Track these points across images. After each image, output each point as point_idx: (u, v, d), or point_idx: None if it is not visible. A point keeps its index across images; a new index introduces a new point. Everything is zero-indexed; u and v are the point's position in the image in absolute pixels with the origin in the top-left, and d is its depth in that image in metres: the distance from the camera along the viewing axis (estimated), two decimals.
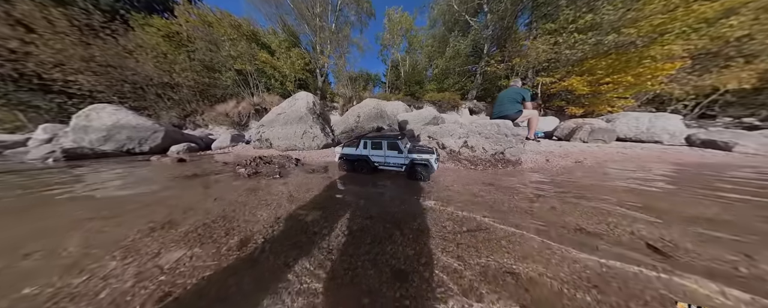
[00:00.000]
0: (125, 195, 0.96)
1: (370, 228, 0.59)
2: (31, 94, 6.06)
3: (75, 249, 0.53)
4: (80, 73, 5.74)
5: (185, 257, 0.48)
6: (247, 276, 0.42)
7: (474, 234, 0.53)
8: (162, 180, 1.23)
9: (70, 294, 0.38)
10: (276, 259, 0.47)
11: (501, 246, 0.51)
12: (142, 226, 0.63)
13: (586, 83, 5.11)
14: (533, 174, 1.29)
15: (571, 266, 0.44)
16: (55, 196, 0.97)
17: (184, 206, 0.80)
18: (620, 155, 1.93)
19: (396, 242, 0.49)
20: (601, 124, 2.94)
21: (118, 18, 6.70)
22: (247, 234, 0.58)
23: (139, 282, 0.39)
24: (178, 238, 0.55)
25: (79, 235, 0.60)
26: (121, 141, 2.44)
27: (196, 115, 6.27)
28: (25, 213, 0.82)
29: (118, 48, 5.97)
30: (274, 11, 9.17)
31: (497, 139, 1.76)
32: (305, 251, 0.49)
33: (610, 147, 2.42)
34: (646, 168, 1.43)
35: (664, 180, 1.10)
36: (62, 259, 0.49)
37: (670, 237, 0.55)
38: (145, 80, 6.18)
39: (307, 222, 0.64)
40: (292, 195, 0.88)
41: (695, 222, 0.64)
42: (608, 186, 1.01)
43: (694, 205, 0.78)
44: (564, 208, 0.72)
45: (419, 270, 0.41)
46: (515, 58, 8.25)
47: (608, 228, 0.60)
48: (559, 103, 6.41)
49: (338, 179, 1.16)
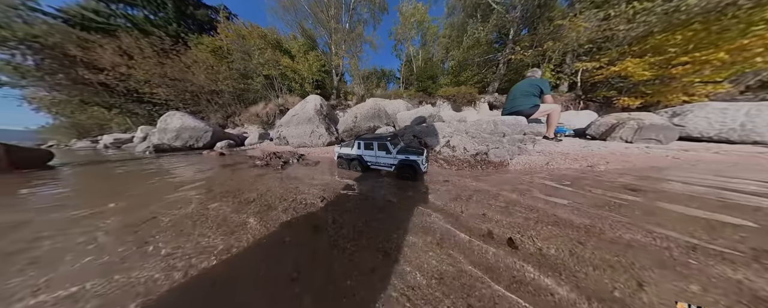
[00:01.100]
0: (194, 175, 1.47)
1: (305, 196, 0.85)
2: (133, 104, 8.18)
3: (177, 196, 0.95)
4: (159, 86, 7.44)
5: (222, 205, 0.82)
6: (250, 211, 0.72)
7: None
8: (209, 167, 1.73)
9: (188, 215, 0.74)
10: (263, 207, 0.76)
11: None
12: (202, 190, 1.05)
13: (647, 66, 3.84)
14: (504, 175, 1.23)
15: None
16: (154, 174, 1.53)
17: (221, 181, 1.26)
18: (670, 160, 1.49)
19: (303, 192, 0.73)
20: (655, 118, 2.21)
21: (180, 40, 8.37)
22: (248, 195, 0.92)
23: (206, 211, 0.73)
24: (216, 195, 0.94)
25: (175, 192, 1.03)
26: (185, 139, 3.27)
27: (235, 116, 7.51)
28: (145, 179, 1.39)
29: (181, 65, 7.50)
30: (293, 18, 9.88)
31: (483, 138, 1.73)
32: (270, 203, 0.78)
33: (663, 149, 1.85)
34: (696, 178, 1.00)
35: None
36: (171, 201, 0.89)
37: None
38: (199, 89, 7.64)
39: (281, 191, 0.95)
40: (282, 180, 1.22)
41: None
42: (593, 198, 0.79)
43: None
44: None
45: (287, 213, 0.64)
46: (547, 42, 7.14)
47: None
48: (605, 94, 5.13)
49: (319, 171, 1.46)
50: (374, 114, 2.54)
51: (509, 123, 1.97)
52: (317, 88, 9.36)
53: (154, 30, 8.67)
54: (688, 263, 0.46)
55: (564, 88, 7.72)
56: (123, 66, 7.10)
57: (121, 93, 7.64)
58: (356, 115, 2.49)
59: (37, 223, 0.79)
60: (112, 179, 1.56)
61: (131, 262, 0.52)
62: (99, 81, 7.44)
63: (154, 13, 9.83)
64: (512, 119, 2.02)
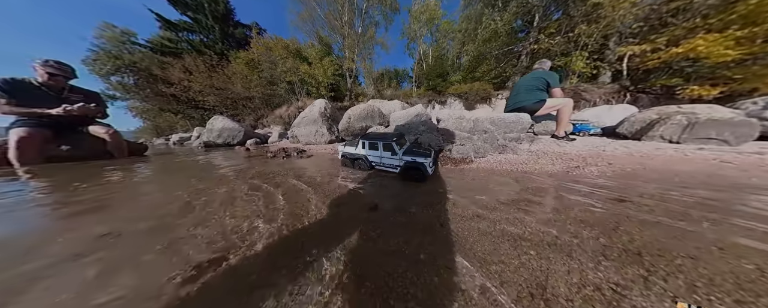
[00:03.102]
0: (228, 164, 2.03)
1: (284, 178, 1.21)
2: (191, 109, 10.25)
3: (229, 175, 1.46)
4: (209, 95, 9.13)
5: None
6: (259, 182, 1.13)
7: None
8: (239, 159, 2.31)
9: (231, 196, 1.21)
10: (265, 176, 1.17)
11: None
12: (236, 173, 1.54)
13: (732, 42, 2.88)
14: (449, 173, 1.15)
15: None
16: (205, 165, 2.17)
17: (245, 168, 1.72)
18: (715, 165, 1.15)
19: (280, 174, 1.08)
20: (719, 112, 1.66)
21: (223, 56, 10.15)
22: (258, 172, 1.34)
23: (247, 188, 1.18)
24: (246, 176, 1.39)
25: (222, 176, 1.55)
26: (225, 137, 4.14)
27: (263, 119, 8.73)
28: (201, 169, 1.99)
29: (224, 76, 9.07)
30: (311, 27, 10.85)
31: (451, 134, 1.77)
32: (269, 177, 1.17)
33: (730, 151, 1.40)
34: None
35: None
36: (220, 182, 1.38)
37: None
38: (236, 96, 9.10)
39: (278, 170, 1.34)
40: (282, 166, 1.64)
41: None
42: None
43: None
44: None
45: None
46: (580, 26, 6.30)
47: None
48: (665, 82, 4.06)
49: (309, 162, 1.83)
50: (367, 114, 2.86)
51: (508, 120, 1.92)
52: (332, 91, 10.10)
53: (206, 50, 10.70)
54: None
55: (606, 79, 6.65)
56: (185, 80, 9.01)
57: (183, 101, 9.71)
58: (350, 116, 2.84)
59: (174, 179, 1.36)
60: (184, 162, 2.26)
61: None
62: (170, 93, 9.60)
63: (206, 36, 12.05)
64: (513, 116, 1.93)
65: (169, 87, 9.38)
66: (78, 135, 2.24)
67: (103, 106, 2.44)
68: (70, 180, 1.27)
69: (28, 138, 1.87)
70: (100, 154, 2.28)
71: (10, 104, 1.93)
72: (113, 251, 0.51)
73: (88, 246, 0.53)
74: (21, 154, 1.85)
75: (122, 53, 10.60)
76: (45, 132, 1.99)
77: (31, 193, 1.09)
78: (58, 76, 2.09)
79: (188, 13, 11.74)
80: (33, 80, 2.05)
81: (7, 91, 1.93)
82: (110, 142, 2.29)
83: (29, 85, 2.01)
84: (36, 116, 1.97)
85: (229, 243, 0.52)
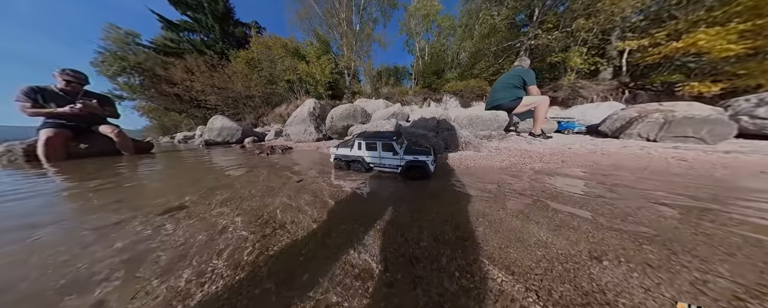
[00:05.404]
0: (228, 159, 2.31)
1: (260, 169, 1.46)
2: (194, 109, 10.63)
3: (230, 168, 1.73)
4: (210, 94, 9.46)
5: (245, 172, 1.53)
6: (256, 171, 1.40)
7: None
8: (236, 155, 2.59)
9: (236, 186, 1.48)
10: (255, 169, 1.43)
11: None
12: (235, 166, 1.82)
13: (734, 36, 2.71)
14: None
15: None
16: (206, 161, 2.46)
17: (241, 162, 1.98)
18: (671, 163, 1.17)
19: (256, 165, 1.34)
20: (697, 110, 1.65)
21: (224, 56, 10.40)
22: (245, 165, 1.61)
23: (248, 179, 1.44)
24: (242, 168, 1.66)
25: (223, 170, 1.83)
26: (224, 136, 4.45)
27: (264, 117, 9.04)
28: (203, 165, 2.28)
29: (224, 76, 9.35)
30: (309, 26, 10.93)
31: (411, 133, 1.84)
32: (253, 165, 1.43)
33: (704, 150, 1.39)
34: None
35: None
36: (224, 175, 1.66)
37: None
38: (237, 95, 9.40)
39: (257, 164, 1.61)
40: (264, 161, 1.90)
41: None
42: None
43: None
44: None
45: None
46: (578, 19, 6.22)
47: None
48: (665, 78, 3.94)
49: (287, 157, 2.07)
50: (349, 114, 3.07)
51: (485, 118, 1.98)
52: (330, 89, 10.26)
53: (207, 50, 10.97)
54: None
55: (607, 75, 6.58)
56: (188, 80, 9.34)
57: (186, 101, 10.09)
58: (332, 116, 3.08)
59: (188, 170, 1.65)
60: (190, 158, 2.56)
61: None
62: (174, 92, 9.98)
63: (207, 35, 12.30)
64: (489, 114, 2.00)
65: (172, 87, 9.76)
66: (93, 135, 2.57)
67: (114, 107, 2.77)
68: (97, 172, 1.58)
69: (54, 137, 2.20)
70: (111, 151, 2.60)
71: (35, 107, 2.26)
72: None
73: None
74: (48, 151, 2.18)
75: (127, 54, 11.00)
76: (67, 132, 2.31)
77: (95, 181, 1.29)
78: (73, 82, 2.39)
79: (188, 13, 11.99)
80: (54, 87, 2.36)
81: (33, 97, 2.25)
82: (117, 140, 2.59)
83: (52, 92, 2.33)
84: (55, 116, 2.29)
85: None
